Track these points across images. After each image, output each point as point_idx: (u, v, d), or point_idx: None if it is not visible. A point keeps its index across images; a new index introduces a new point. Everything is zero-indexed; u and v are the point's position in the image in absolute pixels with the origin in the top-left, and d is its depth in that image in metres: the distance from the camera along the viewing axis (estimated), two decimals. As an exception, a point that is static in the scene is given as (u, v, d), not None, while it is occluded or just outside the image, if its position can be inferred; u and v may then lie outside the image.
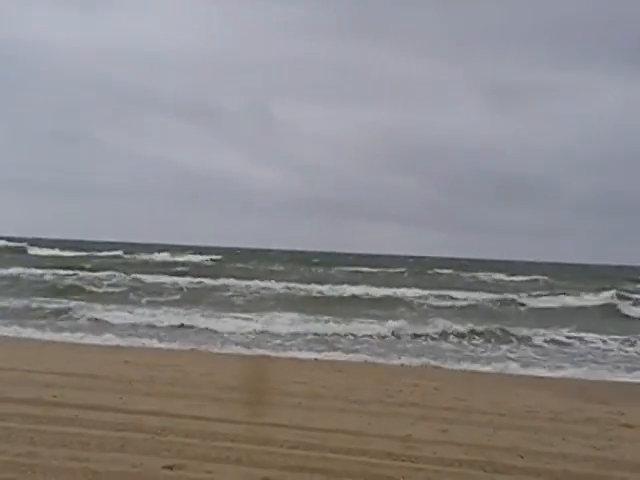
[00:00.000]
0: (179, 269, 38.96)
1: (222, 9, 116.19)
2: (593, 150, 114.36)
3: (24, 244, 55.13)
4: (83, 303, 21.23)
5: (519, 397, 9.65)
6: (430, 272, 45.87)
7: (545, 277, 43.36)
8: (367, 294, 28.19)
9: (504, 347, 16.43)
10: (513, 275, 44.90)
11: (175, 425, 6.76)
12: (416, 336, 17.67)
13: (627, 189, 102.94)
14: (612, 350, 16.57)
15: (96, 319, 18.55)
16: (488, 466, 5.95)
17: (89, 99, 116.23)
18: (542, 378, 12.53)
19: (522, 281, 41.40)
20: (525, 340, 17.62)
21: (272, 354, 13.90)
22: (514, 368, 13.47)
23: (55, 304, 20.95)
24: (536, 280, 41.90)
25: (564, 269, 58.04)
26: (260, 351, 14.18)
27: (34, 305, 20.50)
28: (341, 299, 26.91)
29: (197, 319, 18.77)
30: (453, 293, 29.33)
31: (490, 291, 31.37)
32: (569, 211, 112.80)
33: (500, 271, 47.58)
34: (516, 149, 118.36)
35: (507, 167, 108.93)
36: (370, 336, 17.39)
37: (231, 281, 30.35)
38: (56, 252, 51.70)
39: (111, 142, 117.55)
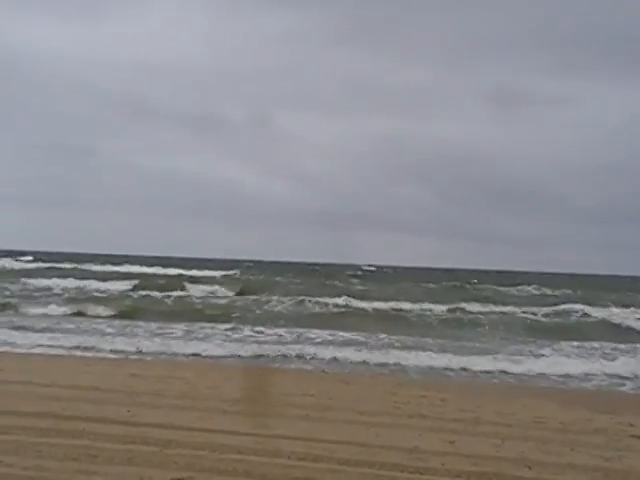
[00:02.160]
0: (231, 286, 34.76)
1: (223, 19, 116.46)
2: (597, 158, 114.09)
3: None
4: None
5: (527, 408, 9.61)
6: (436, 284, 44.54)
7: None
8: (462, 308, 27.00)
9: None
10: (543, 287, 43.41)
11: (183, 438, 6.77)
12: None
13: (630, 197, 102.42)
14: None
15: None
16: (496, 477, 5.94)
17: (90, 111, 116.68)
18: (550, 388, 12.50)
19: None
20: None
21: (279, 366, 13.91)
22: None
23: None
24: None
25: (577, 280, 56.44)
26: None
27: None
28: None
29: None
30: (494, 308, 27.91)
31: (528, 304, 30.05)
32: (575, 220, 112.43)
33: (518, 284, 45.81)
34: (518, 157, 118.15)
35: (510, 175, 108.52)
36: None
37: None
38: (37, 264, 49.25)
39: (113, 154, 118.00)
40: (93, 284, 33.25)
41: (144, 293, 30.20)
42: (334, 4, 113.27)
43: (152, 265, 51.86)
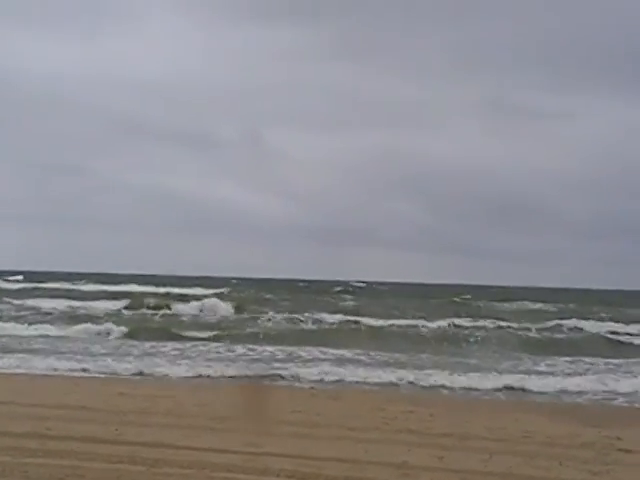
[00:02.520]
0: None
1: (216, 37, 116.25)
2: (593, 173, 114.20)
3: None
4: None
5: (516, 422, 9.63)
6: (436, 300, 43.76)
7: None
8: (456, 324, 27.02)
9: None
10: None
11: (171, 456, 6.73)
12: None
13: (626, 212, 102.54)
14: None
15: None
16: (484, 492, 5.95)
17: (84, 129, 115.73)
18: (540, 403, 12.52)
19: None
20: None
21: (269, 383, 13.87)
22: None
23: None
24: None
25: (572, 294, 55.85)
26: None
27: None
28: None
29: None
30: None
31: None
32: (570, 235, 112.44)
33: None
34: (516, 172, 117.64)
35: (506, 190, 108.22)
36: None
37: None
38: (26, 284, 48.03)
39: (107, 172, 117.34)
40: (83, 304, 33.08)
41: (135, 312, 30.06)
42: (328, 20, 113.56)
43: (144, 284, 51.59)
